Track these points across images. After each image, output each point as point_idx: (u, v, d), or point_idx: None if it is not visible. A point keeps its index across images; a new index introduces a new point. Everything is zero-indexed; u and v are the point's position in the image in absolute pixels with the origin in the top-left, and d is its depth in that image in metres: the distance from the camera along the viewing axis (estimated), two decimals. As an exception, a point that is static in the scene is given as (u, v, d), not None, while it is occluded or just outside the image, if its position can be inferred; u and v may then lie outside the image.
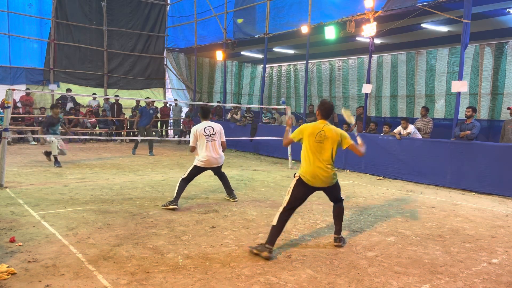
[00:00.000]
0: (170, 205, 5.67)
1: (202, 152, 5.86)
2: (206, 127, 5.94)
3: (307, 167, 4.16)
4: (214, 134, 5.95)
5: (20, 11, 14.91)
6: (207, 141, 5.87)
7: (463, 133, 8.21)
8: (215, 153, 5.91)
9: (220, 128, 6.10)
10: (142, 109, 11.95)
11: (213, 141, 5.90)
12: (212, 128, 5.97)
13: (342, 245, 4.38)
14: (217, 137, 5.97)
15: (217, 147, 5.96)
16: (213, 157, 5.88)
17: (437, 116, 13.44)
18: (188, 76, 18.85)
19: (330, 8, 11.04)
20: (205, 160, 5.86)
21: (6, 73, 14.71)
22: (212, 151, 5.88)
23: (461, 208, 6.39)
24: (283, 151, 10.96)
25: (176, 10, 18.08)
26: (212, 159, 5.89)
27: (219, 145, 6.01)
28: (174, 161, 10.83)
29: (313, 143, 4.17)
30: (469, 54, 12.29)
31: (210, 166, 5.96)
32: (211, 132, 5.92)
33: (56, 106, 9.72)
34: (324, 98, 4.05)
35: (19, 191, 6.47)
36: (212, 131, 5.95)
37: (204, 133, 5.88)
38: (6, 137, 6.85)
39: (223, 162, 6.13)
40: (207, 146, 5.85)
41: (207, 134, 5.89)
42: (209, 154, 5.85)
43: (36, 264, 3.59)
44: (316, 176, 4.11)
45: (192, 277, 3.43)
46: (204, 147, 5.86)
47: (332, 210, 4.57)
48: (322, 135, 4.17)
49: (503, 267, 3.94)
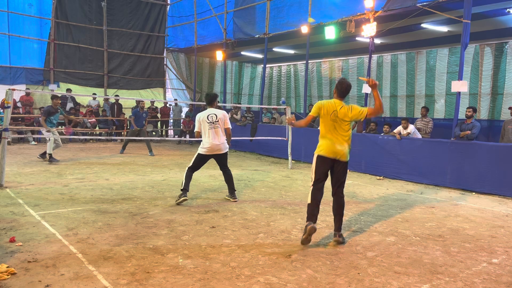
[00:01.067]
0: (181, 198, 5.86)
1: (205, 139, 6.02)
2: (209, 114, 6.07)
3: (323, 141, 4.41)
4: (217, 121, 6.05)
5: (20, 11, 14.92)
6: (209, 128, 6.00)
7: (463, 133, 8.21)
8: (217, 140, 6.02)
9: (223, 115, 6.18)
10: (135, 112, 11.98)
11: (215, 128, 6.02)
12: (215, 115, 6.07)
13: (342, 241, 4.39)
14: (220, 124, 6.07)
15: (220, 134, 6.06)
16: (215, 143, 6.00)
17: (437, 116, 13.45)
18: (188, 76, 18.86)
19: (330, 8, 11.04)
20: (207, 147, 6.00)
21: (6, 73, 14.72)
22: (214, 138, 6.00)
23: (461, 208, 6.39)
24: (283, 151, 10.96)
25: (176, 10, 18.08)
26: (214, 146, 6.00)
27: (223, 132, 6.11)
28: (174, 161, 10.83)
29: (328, 121, 4.39)
30: (469, 54, 12.29)
31: (213, 153, 6.07)
32: (213, 119, 6.04)
33: (56, 97, 9.87)
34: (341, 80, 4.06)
35: (19, 191, 6.47)
36: (215, 118, 6.05)
37: (207, 120, 6.02)
38: (6, 137, 6.85)
39: (226, 149, 6.20)
40: (209, 133, 5.99)
41: (210, 121, 6.02)
42: (211, 141, 5.98)
43: (36, 264, 3.59)
44: (333, 149, 4.35)
45: (192, 277, 3.43)
46: (206, 134, 6.01)
47: (332, 207, 4.57)
48: (336, 115, 4.37)
49: (503, 267, 3.94)
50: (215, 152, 6.06)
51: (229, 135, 6.27)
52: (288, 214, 5.60)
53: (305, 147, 11.11)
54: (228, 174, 6.35)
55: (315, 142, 4.56)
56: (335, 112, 4.37)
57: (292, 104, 18.78)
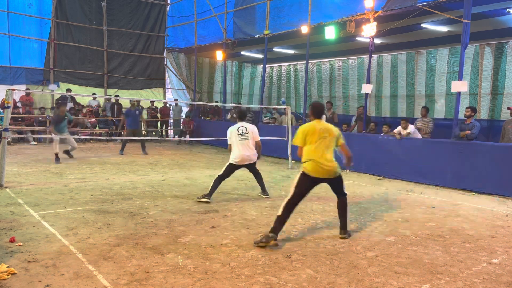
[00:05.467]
0: (204, 198, 6.16)
1: (235, 150, 6.38)
2: (240, 127, 6.49)
3: (310, 161, 4.43)
4: (247, 133, 6.45)
5: (20, 11, 14.89)
6: (239, 139, 6.38)
7: (463, 133, 8.21)
8: (247, 151, 6.38)
9: (252, 128, 6.57)
10: (127, 111, 11.97)
11: (245, 140, 6.40)
12: (246, 128, 6.50)
13: (347, 237, 4.58)
14: (249, 137, 6.45)
15: (250, 146, 6.43)
16: (246, 154, 6.35)
17: (437, 116, 13.43)
18: (188, 76, 18.85)
19: (330, 8, 11.03)
20: (238, 159, 6.34)
21: (6, 73, 14.70)
22: (244, 149, 6.36)
23: (461, 208, 6.39)
24: (283, 151, 10.95)
25: (176, 10, 18.07)
26: (245, 157, 6.35)
27: (253, 144, 6.49)
28: (174, 161, 10.83)
29: (317, 139, 4.47)
30: (469, 54, 12.28)
31: (243, 163, 6.42)
32: (244, 132, 6.45)
33: (64, 104, 10.29)
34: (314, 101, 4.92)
35: (19, 191, 6.48)
36: (245, 130, 6.47)
37: (238, 133, 6.43)
38: (6, 137, 6.85)
39: (256, 159, 6.56)
40: (239, 145, 6.36)
41: (240, 134, 6.42)
42: (241, 153, 6.33)
43: (36, 264, 3.59)
44: (320, 169, 4.39)
45: (192, 277, 3.43)
46: (236, 146, 6.37)
47: (337, 206, 4.72)
48: (324, 130, 4.52)
49: (503, 267, 3.94)
50: (246, 162, 6.42)
51: (259, 147, 6.63)
52: (288, 214, 5.60)
53: (305, 147, 11.07)
54: (258, 176, 6.76)
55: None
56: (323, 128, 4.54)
57: (292, 104, 18.76)
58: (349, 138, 10.14)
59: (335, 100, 16.53)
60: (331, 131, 4.57)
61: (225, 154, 6.46)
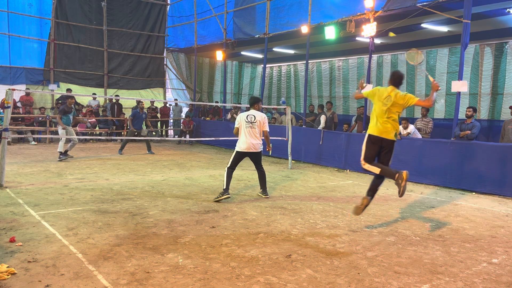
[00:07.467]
0: (223, 195, 6.16)
1: (242, 137, 6.44)
2: (249, 115, 6.50)
3: (373, 124, 4.88)
4: (255, 122, 6.45)
5: (20, 11, 14.91)
6: (246, 127, 6.42)
7: (463, 133, 8.21)
8: (253, 139, 6.41)
9: (262, 117, 6.54)
10: (135, 112, 12.03)
11: (252, 128, 6.42)
12: (254, 116, 6.49)
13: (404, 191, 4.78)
14: (257, 125, 6.45)
15: (256, 134, 6.46)
16: (251, 142, 6.40)
17: (437, 116, 13.44)
18: (188, 76, 18.86)
19: (330, 8, 11.03)
20: (244, 145, 6.40)
21: (6, 73, 14.71)
22: (250, 137, 6.40)
23: (461, 208, 6.39)
24: (283, 151, 10.95)
25: (176, 10, 18.08)
26: (250, 145, 6.40)
27: (259, 133, 6.51)
28: (174, 161, 10.83)
29: (380, 107, 4.85)
30: (469, 54, 12.29)
31: (249, 151, 6.45)
32: (252, 120, 6.46)
33: (71, 97, 10.51)
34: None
35: (19, 191, 6.48)
36: (254, 119, 6.47)
37: (246, 120, 6.45)
38: (6, 137, 6.85)
39: (261, 149, 6.56)
40: (245, 132, 6.41)
41: (248, 121, 6.44)
42: (247, 140, 6.39)
43: (36, 264, 3.59)
44: (381, 129, 4.82)
45: (192, 277, 3.43)
46: (243, 132, 6.42)
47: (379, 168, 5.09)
48: (389, 100, 4.84)
49: (503, 267, 3.94)
50: (251, 150, 6.44)
51: (266, 137, 6.63)
52: (288, 214, 5.60)
53: (305, 147, 11.09)
54: (261, 172, 6.73)
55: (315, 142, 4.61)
56: (389, 97, 4.87)
57: (292, 104, 18.78)
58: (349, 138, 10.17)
59: (335, 100, 16.54)
60: (398, 101, 4.85)
61: (225, 154, 6.45)
